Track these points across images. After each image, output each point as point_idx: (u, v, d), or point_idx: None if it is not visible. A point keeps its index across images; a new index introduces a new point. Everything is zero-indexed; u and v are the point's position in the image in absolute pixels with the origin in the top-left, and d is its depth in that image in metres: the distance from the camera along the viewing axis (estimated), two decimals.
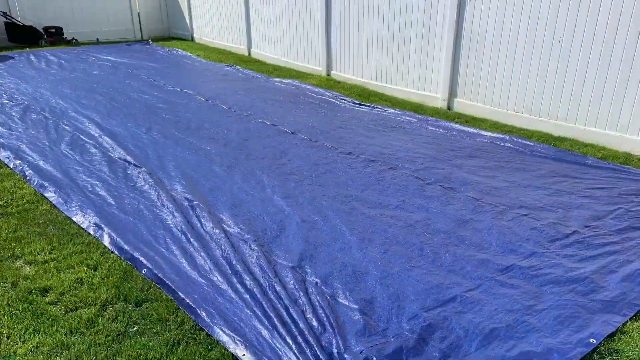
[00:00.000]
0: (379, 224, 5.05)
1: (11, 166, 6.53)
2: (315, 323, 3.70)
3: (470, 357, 3.43)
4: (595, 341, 3.54)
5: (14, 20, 15.22)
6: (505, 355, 3.43)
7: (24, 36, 15.44)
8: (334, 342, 3.51)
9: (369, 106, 9.19)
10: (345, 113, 8.81)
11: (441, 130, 7.92)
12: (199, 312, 3.82)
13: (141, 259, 4.48)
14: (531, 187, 5.87)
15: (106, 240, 4.84)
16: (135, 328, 3.76)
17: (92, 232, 4.99)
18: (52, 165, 6.44)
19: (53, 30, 15.84)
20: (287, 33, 12.75)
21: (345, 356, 3.38)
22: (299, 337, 3.54)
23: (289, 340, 3.52)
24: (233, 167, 6.42)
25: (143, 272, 4.37)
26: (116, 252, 4.68)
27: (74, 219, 5.24)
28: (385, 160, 6.61)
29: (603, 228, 4.99)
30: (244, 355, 3.44)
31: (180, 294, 4.02)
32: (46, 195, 5.73)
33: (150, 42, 16.42)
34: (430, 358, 3.42)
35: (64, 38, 16.03)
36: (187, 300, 3.94)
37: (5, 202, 5.64)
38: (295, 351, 3.43)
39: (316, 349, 3.43)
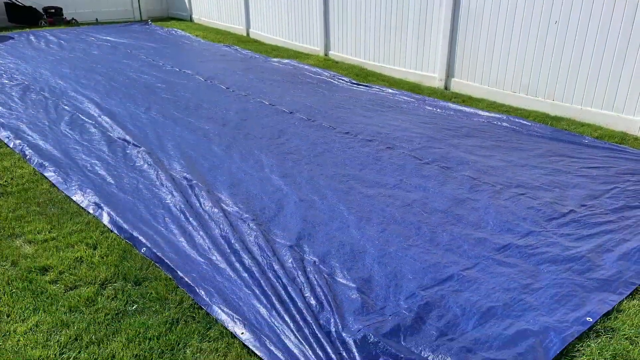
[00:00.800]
0: (376, 203, 5.00)
1: (11, 146, 6.45)
2: (313, 302, 3.66)
3: (468, 335, 3.39)
4: (591, 320, 3.50)
5: (14, 0, 15.03)
6: (502, 333, 3.39)
7: (24, 16, 15.27)
8: (332, 320, 3.47)
9: (366, 86, 9.10)
10: (343, 93, 8.72)
11: (438, 110, 7.84)
12: (197, 290, 3.78)
13: (140, 237, 4.43)
14: (528, 166, 5.81)
15: (105, 219, 4.79)
16: (134, 307, 3.72)
17: (91, 211, 4.94)
18: (52, 145, 6.37)
19: (53, 10, 15.66)
20: (285, 13, 12.59)
21: (343, 334, 3.34)
22: (297, 316, 3.50)
23: (287, 319, 3.48)
24: (231, 146, 6.35)
25: (142, 251, 4.32)
26: (115, 231, 4.63)
27: (74, 198, 5.18)
28: (383, 139, 6.54)
29: (599, 207, 4.94)
30: (242, 333, 3.41)
31: (179, 272, 3.97)
32: (46, 174, 5.66)
33: (149, 22, 16.24)
34: (428, 336, 3.38)
35: (63, 18, 15.85)
36: (186, 279, 3.89)
37: (5, 181, 5.58)
38: (294, 329, 3.40)
39: (314, 327, 3.39)
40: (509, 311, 3.59)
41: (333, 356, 3.17)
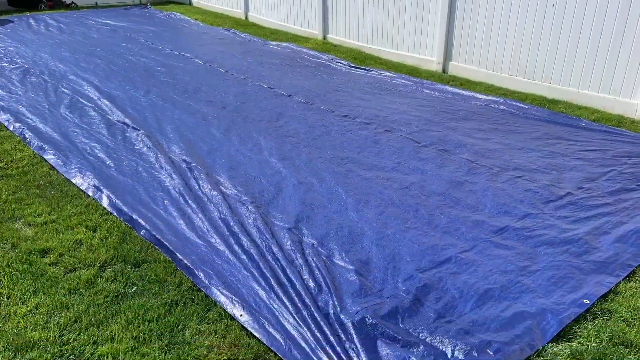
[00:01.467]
0: (374, 186, 4.95)
1: (11, 129, 6.39)
2: (311, 284, 3.62)
3: (465, 317, 3.36)
4: (588, 302, 3.47)
5: None
6: (499, 315, 3.36)
7: (24, 0, 15.09)
8: (330, 302, 3.44)
9: (364, 69, 9.01)
10: (341, 76, 8.63)
11: (436, 93, 7.77)
12: (196, 273, 3.74)
13: (140, 220, 4.38)
14: (525, 149, 5.76)
15: (105, 202, 4.74)
16: (133, 289, 3.68)
17: (91, 194, 4.89)
18: (52, 128, 6.30)
19: None
20: None
21: (342, 316, 3.30)
22: (295, 298, 3.47)
23: (286, 301, 3.44)
24: (230, 129, 6.29)
25: (141, 233, 4.28)
26: (115, 214, 4.58)
27: (73, 180, 5.13)
28: (381, 122, 6.48)
29: (596, 190, 4.90)
30: (241, 315, 3.37)
31: (178, 255, 3.93)
32: (45, 157, 5.60)
33: (149, 6, 16.07)
34: (426, 318, 3.35)
35: (63, 2, 15.68)
36: (185, 261, 3.85)
37: (5, 164, 5.52)
38: (292, 311, 3.36)
39: (312, 309, 3.36)
40: (507, 293, 3.56)
41: (331, 338, 3.14)
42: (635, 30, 6.58)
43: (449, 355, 3.07)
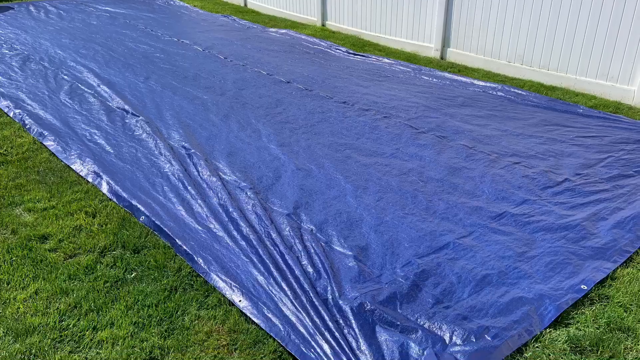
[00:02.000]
0: (373, 172, 4.91)
1: (11, 115, 6.32)
2: (310, 269, 3.59)
3: (463, 302, 3.33)
4: (586, 287, 3.44)
5: None
6: (497, 301, 3.34)
7: None
8: (329, 288, 3.41)
9: (363, 56, 8.93)
10: (340, 63, 8.56)
11: (434, 79, 7.70)
12: (196, 258, 3.71)
13: (139, 206, 4.35)
14: (523, 135, 5.71)
15: (104, 188, 4.70)
16: (133, 274, 3.65)
17: (90, 180, 4.84)
18: (52, 114, 6.24)
19: None
20: None
21: (340, 302, 3.28)
22: (294, 284, 3.43)
23: (285, 287, 3.41)
24: (229, 115, 6.23)
25: (141, 219, 4.24)
26: (114, 200, 4.54)
27: (73, 167, 5.08)
28: (380, 109, 6.42)
29: (594, 176, 4.86)
30: (240, 301, 3.35)
31: (177, 240, 3.90)
32: (45, 143, 5.55)
33: None
34: (424, 304, 3.32)
35: None
36: (185, 247, 3.82)
37: (5, 150, 5.47)
38: (291, 297, 3.33)
39: (311, 295, 3.33)
40: (504, 279, 3.53)
41: (330, 323, 3.11)
42: (633, 16, 6.51)
43: (447, 341, 3.05)
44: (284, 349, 3.02)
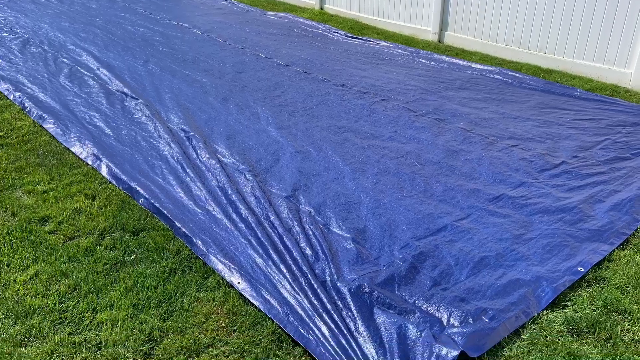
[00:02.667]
0: (371, 155, 4.85)
1: (11, 98, 6.24)
2: (308, 252, 3.55)
3: (461, 284, 3.30)
4: (583, 269, 3.40)
5: None
6: (494, 282, 3.30)
7: None
8: (327, 270, 3.36)
9: (361, 39, 8.83)
10: (338, 46, 8.46)
11: (432, 62, 7.61)
12: (195, 241, 3.67)
13: (138, 188, 4.29)
14: (520, 118, 5.65)
15: (104, 171, 4.64)
16: (132, 256, 3.61)
17: (90, 163, 4.78)
18: (51, 97, 6.15)
19: None
20: None
21: (338, 284, 3.24)
22: (292, 266, 3.39)
23: (283, 269, 3.37)
24: (228, 98, 6.15)
25: (140, 201, 4.19)
26: (114, 182, 4.49)
27: (73, 149, 5.02)
28: (378, 92, 6.35)
29: (591, 158, 4.80)
30: (239, 283, 3.30)
31: (176, 223, 3.85)
32: (45, 126, 5.48)
33: None
34: (422, 286, 3.28)
35: None
36: (184, 229, 3.77)
37: (5, 133, 5.40)
38: (289, 279, 3.29)
39: (310, 277, 3.29)
40: (502, 261, 3.49)
41: (328, 305, 3.08)
42: (630, 0, 6.44)
43: (445, 323, 3.01)
44: (283, 330, 2.99)
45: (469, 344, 2.83)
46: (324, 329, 2.94)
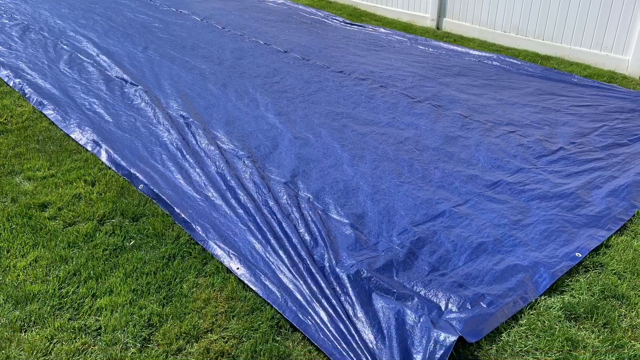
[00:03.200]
0: (369, 141, 4.80)
1: (11, 84, 6.17)
2: (307, 237, 3.51)
3: (459, 270, 3.26)
4: (580, 255, 3.37)
5: None
6: (492, 268, 3.26)
7: None
8: (326, 256, 3.33)
9: (360, 26, 8.74)
10: (337, 32, 8.37)
11: (430, 49, 7.54)
12: (194, 226, 3.62)
13: (138, 174, 4.24)
14: (518, 104, 5.59)
15: (104, 157, 4.59)
16: (132, 242, 3.57)
17: (89, 149, 4.73)
18: (51, 84, 6.08)
19: None
20: None
21: (337, 270, 3.20)
22: (291, 251, 3.35)
23: (282, 254, 3.33)
24: (227, 85, 6.09)
25: (140, 187, 4.14)
26: (113, 168, 4.44)
27: (72, 135, 4.96)
28: (376, 78, 6.28)
29: (588, 145, 4.76)
30: (238, 268, 3.27)
31: (175, 209, 3.81)
32: (45, 112, 5.42)
33: None
34: (420, 271, 3.25)
35: None
36: (183, 215, 3.73)
37: (5, 119, 5.34)
38: (288, 265, 3.26)
39: (308, 262, 3.25)
40: (500, 247, 3.46)
41: (327, 291, 3.04)
42: None
43: (443, 308, 2.98)
44: (281, 316, 2.96)
45: (467, 329, 2.80)
46: (322, 314, 2.91)
